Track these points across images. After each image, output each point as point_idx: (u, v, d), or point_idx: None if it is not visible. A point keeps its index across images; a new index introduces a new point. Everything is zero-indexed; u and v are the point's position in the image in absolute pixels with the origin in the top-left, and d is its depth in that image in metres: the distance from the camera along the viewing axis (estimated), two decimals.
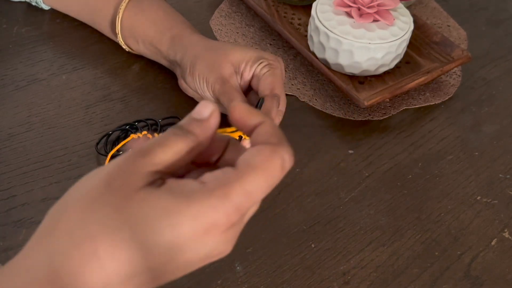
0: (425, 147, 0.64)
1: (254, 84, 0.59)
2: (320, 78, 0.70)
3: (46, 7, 0.73)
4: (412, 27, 0.67)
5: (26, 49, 0.69)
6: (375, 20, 0.65)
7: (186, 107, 0.63)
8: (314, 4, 0.68)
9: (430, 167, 0.62)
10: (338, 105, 0.67)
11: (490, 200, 0.59)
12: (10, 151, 0.58)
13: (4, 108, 0.62)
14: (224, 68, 0.58)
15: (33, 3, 0.73)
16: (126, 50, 0.68)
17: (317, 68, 0.68)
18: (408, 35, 0.66)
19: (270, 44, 0.74)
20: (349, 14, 0.66)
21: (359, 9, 0.66)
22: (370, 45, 0.64)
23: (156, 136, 0.32)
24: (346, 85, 0.65)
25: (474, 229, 0.56)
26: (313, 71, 0.71)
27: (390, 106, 0.68)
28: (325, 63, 0.67)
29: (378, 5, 0.65)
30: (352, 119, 0.66)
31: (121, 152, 0.58)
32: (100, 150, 0.58)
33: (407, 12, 0.68)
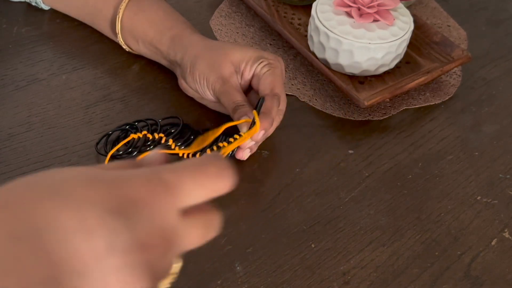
0: (425, 147, 0.64)
1: (255, 84, 0.59)
2: (320, 78, 0.70)
3: (46, 7, 0.73)
4: (412, 27, 0.67)
5: (26, 49, 0.69)
6: (375, 20, 0.65)
7: (186, 107, 0.63)
8: (314, 4, 0.68)
9: (430, 167, 0.62)
10: (338, 105, 0.67)
11: (490, 200, 0.59)
12: (10, 151, 0.58)
13: (4, 108, 0.62)
14: (225, 68, 0.58)
15: (33, 3, 0.73)
16: (126, 50, 0.68)
17: (317, 68, 0.68)
18: (408, 35, 0.66)
19: (270, 44, 0.74)
20: (349, 14, 0.66)
21: (359, 9, 0.66)
22: (370, 45, 0.64)
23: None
24: (346, 85, 0.65)
25: (474, 229, 0.56)
26: (313, 71, 0.71)
27: (390, 106, 0.68)
28: (325, 63, 0.67)
29: (378, 5, 0.65)
30: (352, 119, 0.66)
31: (121, 152, 0.58)
32: (100, 150, 0.58)
33: (407, 12, 0.68)
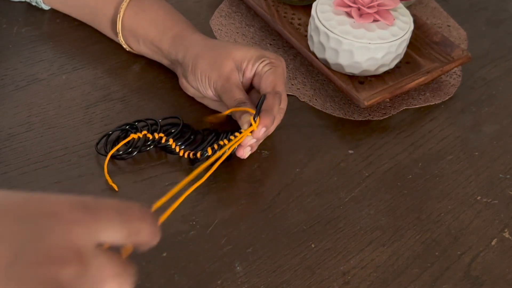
0: (425, 147, 0.64)
1: (256, 83, 0.60)
2: (320, 78, 0.70)
3: (46, 7, 0.73)
4: (412, 27, 0.67)
5: (26, 49, 0.69)
6: (375, 20, 0.65)
7: (186, 107, 0.63)
8: (314, 4, 0.68)
9: (430, 167, 0.62)
10: (338, 105, 0.67)
11: (490, 200, 0.59)
12: (10, 151, 0.58)
13: (4, 108, 0.62)
14: (226, 66, 0.58)
15: (33, 3, 0.72)
16: (127, 50, 0.68)
17: (317, 68, 0.68)
18: (408, 35, 0.66)
19: (270, 44, 0.74)
20: (349, 14, 0.66)
21: (359, 9, 0.66)
22: (370, 45, 0.64)
23: None
24: (346, 85, 0.65)
25: (474, 229, 0.56)
26: (313, 71, 0.71)
27: (390, 106, 0.68)
28: (325, 63, 0.67)
29: (378, 5, 0.65)
30: (352, 119, 0.66)
31: (121, 152, 0.58)
32: (100, 150, 0.58)
33: (407, 12, 0.68)
